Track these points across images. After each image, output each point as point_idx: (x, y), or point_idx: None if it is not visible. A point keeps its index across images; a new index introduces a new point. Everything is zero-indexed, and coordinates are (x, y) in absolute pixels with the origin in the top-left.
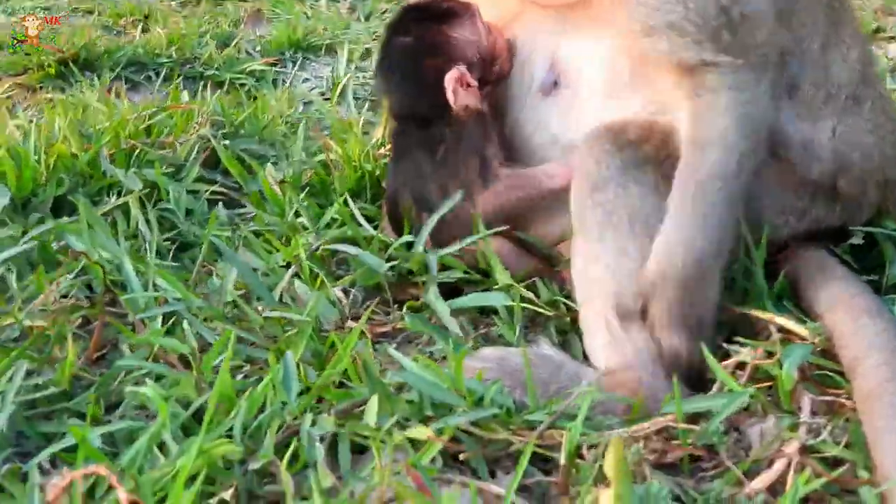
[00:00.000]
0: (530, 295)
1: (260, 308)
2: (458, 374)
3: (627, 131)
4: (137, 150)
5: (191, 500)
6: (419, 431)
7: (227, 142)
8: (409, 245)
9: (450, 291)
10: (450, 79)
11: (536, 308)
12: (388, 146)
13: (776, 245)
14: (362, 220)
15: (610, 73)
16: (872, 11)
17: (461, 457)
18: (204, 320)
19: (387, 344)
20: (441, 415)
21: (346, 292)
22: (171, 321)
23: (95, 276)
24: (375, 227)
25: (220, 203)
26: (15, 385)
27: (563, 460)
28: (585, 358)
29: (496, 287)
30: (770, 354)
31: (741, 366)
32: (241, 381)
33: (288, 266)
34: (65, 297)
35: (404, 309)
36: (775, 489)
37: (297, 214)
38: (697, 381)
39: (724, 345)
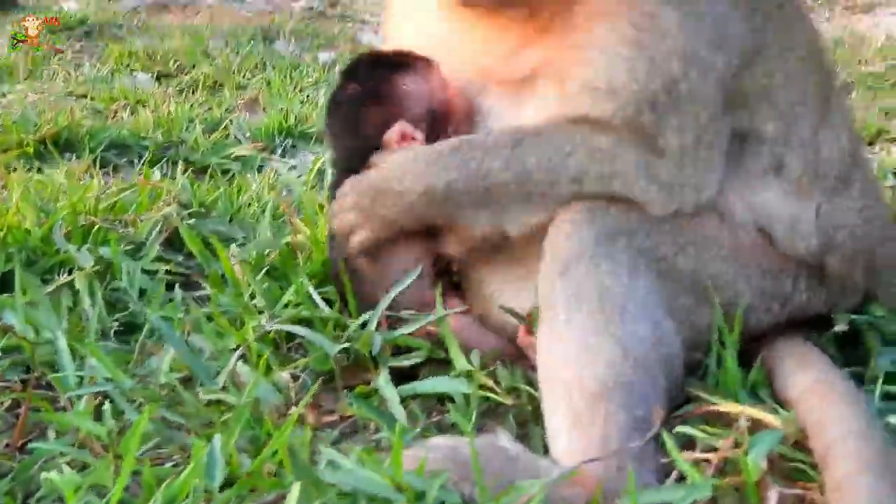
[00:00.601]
0: (490, 382)
1: (201, 393)
2: (396, 466)
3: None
4: (96, 227)
5: None
6: None
7: (192, 221)
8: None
9: (412, 373)
10: (390, 135)
11: (497, 396)
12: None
13: (756, 333)
14: (319, 301)
15: None
16: (876, 113)
17: None
18: (139, 405)
19: (330, 432)
20: None
21: (295, 378)
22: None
23: (28, 355)
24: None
25: (178, 284)
26: None
27: None
28: (546, 452)
29: (454, 373)
30: (738, 445)
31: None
32: (167, 469)
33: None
34: None
35: (352, 394)
36: None
37: (252, 296)
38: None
39: (692, 435)
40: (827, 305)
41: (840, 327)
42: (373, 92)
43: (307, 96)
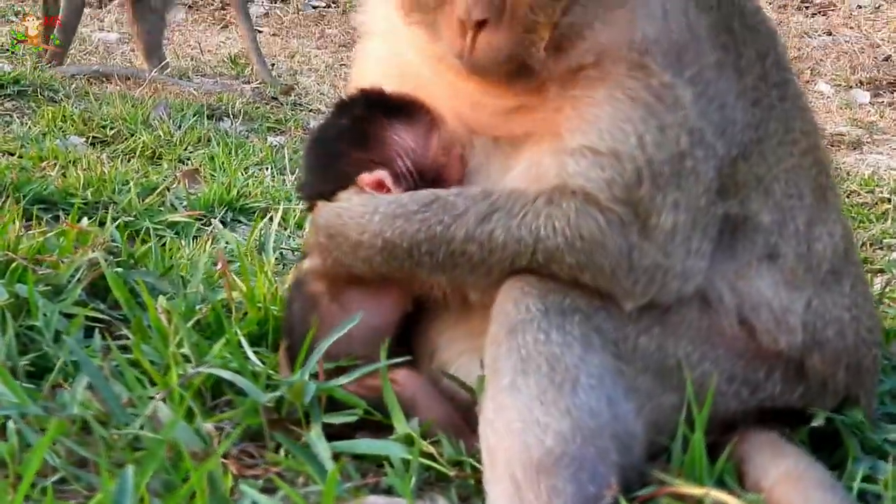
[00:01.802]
0: (432, 450)
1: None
2: None
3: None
4: (14, 264)
5: None
6: None
7: (119, 270)
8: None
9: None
10: (365, 178)
11: (438, 465)
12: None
13: (724, 419)
14: (251, 355)
15: None
16: (860, 243)
17: None
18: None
19: (254, 482)
20: None
21: (220, 429)
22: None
23: None
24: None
25: (98, 331)
26: None
27: None
28: None
29: (394, 436)
30: None
31: None
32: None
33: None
34: None
35: (283, 445)
36: None
37: (179, 346)
38: None
39: None
40: (803, 401)
41: (818, 422)
42: (359, 133)
43: (252, 174)
